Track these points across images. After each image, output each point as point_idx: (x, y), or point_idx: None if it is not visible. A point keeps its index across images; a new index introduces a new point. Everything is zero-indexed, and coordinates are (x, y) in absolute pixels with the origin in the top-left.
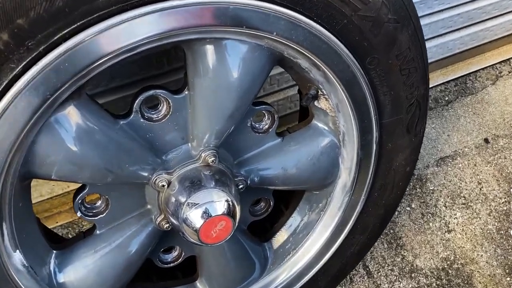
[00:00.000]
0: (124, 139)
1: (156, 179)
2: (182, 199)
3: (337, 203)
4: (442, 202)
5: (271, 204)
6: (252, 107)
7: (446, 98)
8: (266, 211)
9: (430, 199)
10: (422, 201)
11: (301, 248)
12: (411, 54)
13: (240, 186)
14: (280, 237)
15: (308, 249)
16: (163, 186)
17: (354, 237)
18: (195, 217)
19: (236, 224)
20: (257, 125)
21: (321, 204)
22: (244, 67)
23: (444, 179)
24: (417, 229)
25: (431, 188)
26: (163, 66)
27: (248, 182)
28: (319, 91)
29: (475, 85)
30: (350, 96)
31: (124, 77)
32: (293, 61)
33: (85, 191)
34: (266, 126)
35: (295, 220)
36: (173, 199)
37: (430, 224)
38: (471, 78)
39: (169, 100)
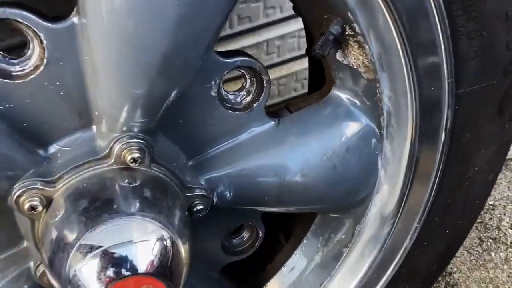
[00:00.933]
0: None
1: (19, 195)
2: (69, 238)
3: (371, 235)
4: (507, 222)
5: (260, 234)
6: (218, 58)
7: None
8: (252, 246)
9: (491, 219)
10: (479, 221)
11: None
12: None
13: (198, 208)
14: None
15: None
16: (35, 208)
17: None
18: (90, 277)
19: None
20: (230, 96)
21: (344, 236)
22: None
23: (509, 189)
24: (474, 261)
25: (490, 203)
26: None
27: (215, 199)
28: (347, 27)
29: None
30: (407, 37)
31: None
32: None
33: None
34: (247, 98)
35: (300, 260)
36: (52, 236)
37: (492, 254)
38: None
39: (41, 35)
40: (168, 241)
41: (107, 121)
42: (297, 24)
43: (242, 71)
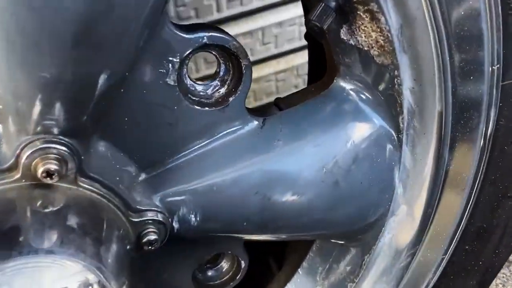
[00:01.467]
0: None
1: None
2: None
3: (384, 268)
4: None
5: (243, 264)
6: (175, 32)
7: None
8: (233, 279)
9: None
10: None
11: None
12: None
13: (150, 239)
14: None
15: None
16: None
17: None
18: None
19: None
20: (197, 87)
21: (349, 268)
22: None
23: None
24: (500, 285)
25: None
26: None
27: (176, 226)
28: None
29: None
30: (439, 3)
31: None
32: None
33: None
34: (221, 90)
35: None
36: None
37: None
38: None
39: None
40: (95, 286)
41: (14, 118)
42: (298, 9)
43: (213, 52)
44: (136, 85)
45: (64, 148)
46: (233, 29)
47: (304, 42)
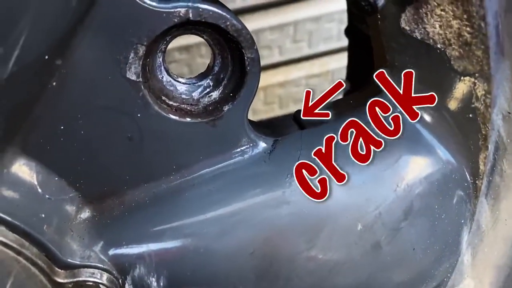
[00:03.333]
0: None
1: None
2: None
3: None
4: None
5: None
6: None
7: None
8: None
9: None
10: None
11: None
12: None
13: None
14: None
15: None
16: None
17: None
18: None
19: None
20: (178, 86)
21: None
22: None
23: None
24: None
25: None
26: None
27: None
28: None
29: None
30: None
31: None
32: None
33: None
34: (213, 94)
35: None
36: None
37: None
38: None
39: None
40: None
41: None
42: (338, 3)
43: (204, 36)
44: (77, 77)
45: None
46: (259, 21)
47: (343, 43)
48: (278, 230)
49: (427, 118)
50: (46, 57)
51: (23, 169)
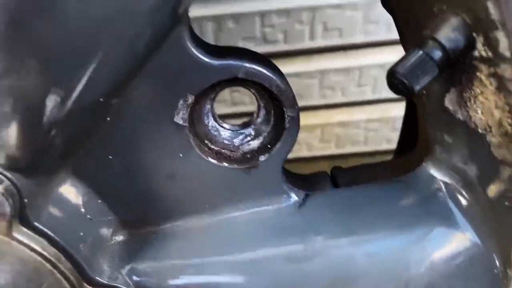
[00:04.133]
0: None
1: None
2: None
3: None
4: None
5: None
6: (194, 53)
7: None
8: None
9: None
10: None
11: None
12: None
13: None
14: None
15: None
16: None
17: None
18: None
19: None
20: (221, 131)
21: None
22: None
23: None
24: None
25: None
26: None
27: None
28: (480, 38)
29: None
30: None
31: None
32: None
33: None
34: (253, 143)
35: None
36: None
37: None
38: None
39: None
40: None
41: None
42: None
43: (251, 90)
44: (129, 115)
45: None
46: (326, 62)
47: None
48: (295, 285)
49: (462, 200)
50: (104, 98)
51: (71, 190)
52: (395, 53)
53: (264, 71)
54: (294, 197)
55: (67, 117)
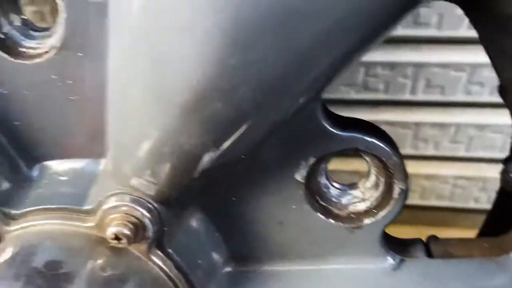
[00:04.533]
0: None
1: None
2: None
3: None
4: None
5: None
6: (323, 124)
7: None
8: None
9: None
10: None
11: None
12: None
13: None
14: None
15: None
16: None
17: None
18: None
19: None
20: (331, 189)
21: None
22: None
23: None
24: None
25: None
26: None
27: None
28: None
29: None
30: None
31: None
32: None
33: None
34: (360, 205)
35: None
36: None
37: None
38: None
39: None
40: None
41: (116, 162)
42: (509, 117)
43: (367, 158)
44: (256, 167)
45: (147, 214)
46: (423, 115)
47: (502, 155)
48: None
49: None
50: (245, 155)
51: (196, 222)
52: (495, 117)
53: (383, 146)
54: (390, 260)
55: (214, 167)
